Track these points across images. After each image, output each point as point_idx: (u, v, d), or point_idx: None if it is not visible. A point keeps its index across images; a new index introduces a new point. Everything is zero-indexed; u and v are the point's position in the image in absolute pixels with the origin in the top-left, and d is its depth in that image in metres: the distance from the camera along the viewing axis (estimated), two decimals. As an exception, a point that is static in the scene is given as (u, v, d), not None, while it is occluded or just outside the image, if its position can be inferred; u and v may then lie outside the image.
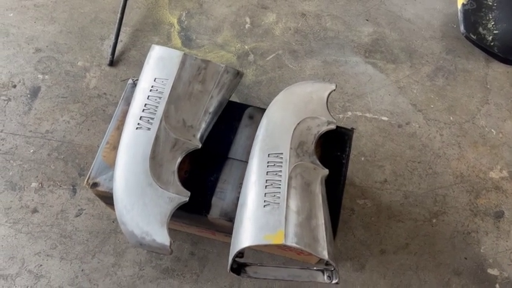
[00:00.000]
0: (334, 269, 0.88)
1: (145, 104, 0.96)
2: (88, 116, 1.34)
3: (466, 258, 1.20)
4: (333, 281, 0.90)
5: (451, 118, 1.40)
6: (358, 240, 1.21)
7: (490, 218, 1.26)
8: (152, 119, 0.95)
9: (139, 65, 0.99)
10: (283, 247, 0.96)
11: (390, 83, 1.45)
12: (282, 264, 1.09)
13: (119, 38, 1.45)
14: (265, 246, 0.85)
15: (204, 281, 1.15)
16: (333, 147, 1.02)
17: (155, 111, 0.95)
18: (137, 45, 1.47)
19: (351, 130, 1.04)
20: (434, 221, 1.25)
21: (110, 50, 1.42)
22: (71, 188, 1.24)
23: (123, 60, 1.43)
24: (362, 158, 1.31)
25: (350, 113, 1.39)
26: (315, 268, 0.93)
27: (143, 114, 0.95)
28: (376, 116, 1.39)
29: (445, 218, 1.25)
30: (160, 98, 0.96)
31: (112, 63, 1.41)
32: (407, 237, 1.22)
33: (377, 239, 1.22)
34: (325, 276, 0.92)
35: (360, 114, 1.39)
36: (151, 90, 0.97)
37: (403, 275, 1.18)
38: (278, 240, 0.83)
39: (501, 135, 1.38)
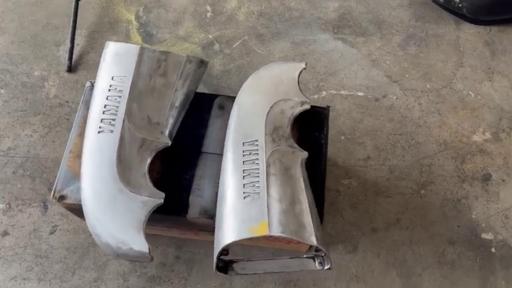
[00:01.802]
0: (325, 254, 0.83)
1: (105, 105, 0.90)
2: (51, 127, 1.26)
3: (458, 226, 1.17)
4: (325, 267, 0.85)
5: (428, 85, 1.37)
6: (347, 221, 1.17)
7: (478, 182, 1.23)
8: (114, 120, 0.88)
9: (99, 67, 0.93)
10: (269, 238, 0.92)
11: (362, 57, 1.41)
12: (270, 256, 1.04)
13: (75, 41, 1.37)
14: (251, 239, 0.80)
15: (193, 283, 1.09)
16: (310, 128, 0.98)
17: (117, 111, 0.89)
18: (96, 47, 1.39)
19: (327, 108, 0.99)
20: (423, 192, 1.21)
21: (67, 56, 1.34)
22: (42, 204, 1.16)
23: (82, 65, 1.35)
24: (342, 137, 1.27)
25: (324, 93, 1.34)
26: (305, 256, 0.89)
27: (104, 116, 0.89)
28: (352, 93, 1.34)
29: (433, 188, 1.22)
30: (120, 96, 0.90)
31: (71, 69, 1.34)
32: (397, 212, 1.18)
33: (366, 218, 1.18)
34: (316, 263, 0.87)
35: (335, 92, 1.34)
36: (109, 90, 0.91)
37: (397, 251, 1.14)
38: (262, 231, 0.79)
39: (479, 97, 1.36)
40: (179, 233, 1.08)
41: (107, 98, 0.90)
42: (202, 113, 0.99)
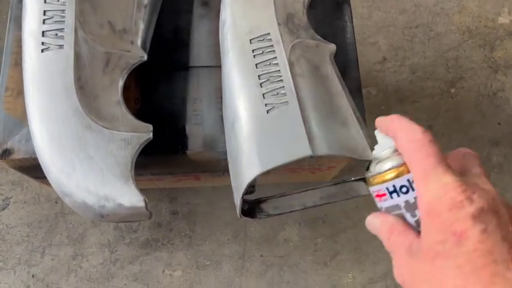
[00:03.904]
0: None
1: (44, 12, 0.61)
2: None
3: (499, 124, 0.99)
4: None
5: (437, -33, 1.14)
6: (373, 138, 0.97)
7: None
8: (61, 30, 0.60)
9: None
10: (302, 164, 0.70)
11: None
12: (308, 187, 0.79)
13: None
14: (284, 167, 0.58)
15: (200, 240, 0.87)
16: (327, 15, 0.74)
17: (63, 18, 0.61)
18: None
19: (346, -13, 0.76)
20: (453, 90, 1.02)
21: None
22: (-17, 174, 0.89)
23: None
24: (350, 39, 1.04)
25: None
26: (353, 179, 0.68)
27: (45, 27, 0.61)
28: (350, -14, 1.10)
29: (464, 84, 1.02)
30: (63, -4, 0.62)
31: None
32: (429, 118, 0.99)
33: (394, 130, 0.98)
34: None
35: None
36: (46, -10, 0.62)
37: (436, 163, 0.95)
38: (302, 152, 0.56)
39: (497, -27, 1.15)
40: (172, 181, 0.84)
41: (45, 1, 0.62)
42: (181, 14, 0.73)
